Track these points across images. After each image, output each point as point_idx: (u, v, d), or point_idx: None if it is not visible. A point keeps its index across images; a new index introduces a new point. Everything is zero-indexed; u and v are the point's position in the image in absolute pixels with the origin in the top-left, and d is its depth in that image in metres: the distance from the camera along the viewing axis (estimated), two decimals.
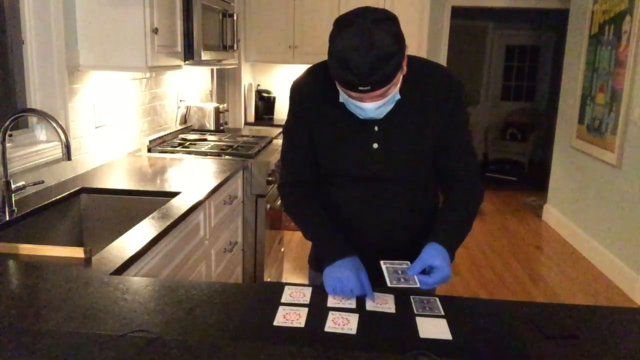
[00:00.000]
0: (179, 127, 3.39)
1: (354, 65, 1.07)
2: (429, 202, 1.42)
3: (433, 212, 1.42)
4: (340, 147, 1.31)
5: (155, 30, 2.23)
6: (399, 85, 1.19)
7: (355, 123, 1.27)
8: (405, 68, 1.18)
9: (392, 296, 1.17)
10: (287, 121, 1.40)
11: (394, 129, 1.28)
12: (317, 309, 1.11)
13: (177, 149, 2.90)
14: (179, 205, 1.88)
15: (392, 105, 1.21)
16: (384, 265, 1.19)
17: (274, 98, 5.00)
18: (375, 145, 1.28)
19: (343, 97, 1.20)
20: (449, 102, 1.28)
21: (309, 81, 1.35)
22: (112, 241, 1.51)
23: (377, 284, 1.21)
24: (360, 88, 1.10)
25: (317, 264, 1.48)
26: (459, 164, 1.35)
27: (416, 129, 1.28)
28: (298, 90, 1.35)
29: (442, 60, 5.31)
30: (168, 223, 1.68)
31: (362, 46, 1.06)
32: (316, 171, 1.38)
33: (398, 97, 1.20)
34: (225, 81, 4.44)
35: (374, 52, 1.06)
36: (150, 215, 1.75)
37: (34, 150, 2.00)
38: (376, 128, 1.27)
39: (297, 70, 1.37)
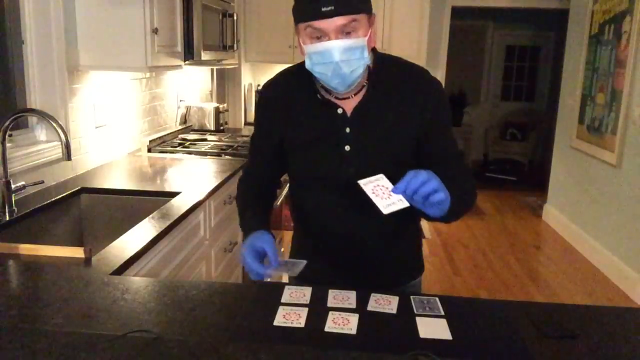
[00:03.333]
0: (179, 127, 3.39)
1: None
2: (409, 216, 1.34)
3: (410, 221, 1.39)
4: (310, 150, 1.27)
5: (155, 30, 2.23)
6: (365, 42, 1.14)
7: (325, 124, 1.24)
8: (374, 40, 1.18)
9: (396, 297, 1.17)
10: (255, 120, 1.40)
11: (367, 131, 1.23)
12: (317, 309, 1.11)
13: (177, 149, 2.90)
14: (179, 205, 1.88)
15: (360, 68, 1.15)
16: (364, 186, 1.11)
17: None
18: (347, 148, 1.24)
19: (309, 57, 1.16)
20: (429, 104, 1.24)
21: (280, 83, 1.32)
22: (112, 241, 1.51)
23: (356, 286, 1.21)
24: (324, 9, 1.08)
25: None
26: (449, 165, 1.29)
27: (391, 131, 1.23)
28: (269, 92, 1.33)
29: (442, 60, 5.31)
30: (168, 223, 1.68)
31: None
32: (274, 173, 1.41)
33: (367, 58, 1.16)
34: (225, 81, 4.44)
35: None
36: (150, 215, 1.75)
37: (34, 150, 2.01)
38: (348, 129, 1.24)
39: None
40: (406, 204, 1.07)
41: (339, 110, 1.24)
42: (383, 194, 1.09)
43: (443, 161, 1.29)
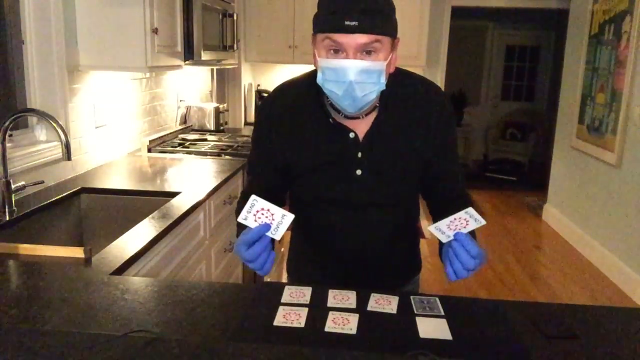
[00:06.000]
0: (179, 127, 3.39)
1: (346, 2, 1.03)
2: (412, 226, 1.39)
3: (414, 236, 1.41)
4: (320, 174, 1.22)
5: (155, 30, 2.23)
6: (384, 67, 1.09)
7: (336, 149, 1.20)
8: (393, 66, 1.14)
9: (396, 298, 1.17)
10: (254, 140, 1.30)
11: (379, 155, 1.21)
12: (317, 309, 1.11)
13: (177, 149, 2.90)
14: (179, 205, 1.88)
15: (374, 92, 1.11)
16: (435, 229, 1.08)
17: None
18: (358, 172, 1.21)
19: (321, 71, 1.10)
20: (440, 125, 1.22)
21: (284, 101, 1.25)
22: (112, 241, 1.51)
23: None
24: (347, 23, 1.02)
25: (296, 271, 1.47)
26: (452, 186, 1.30)
27: (403, 154, 1.22)
28: (271, 112, 1.25)
29: (442, 60, 5.31)
30: (168, 223, 1.68)
31: None
32: (276, 196, 1.27)
33: (383, 84, 1.11)
34: (225, 81, 4.44)
35: (369, 1, 1.03)
36: (150, 215, 1.75)
37: (34, 150, 2.00)
38: (360, 154, 1.20)
39: (297, 70, 1.33)
40: (443, 240, 1.07)
41: (351, 135, 1.20)
42: (456, 226, 1.05)
43: (447, 181, 1.30)
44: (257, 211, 1.05)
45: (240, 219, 1.06)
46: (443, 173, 1.29)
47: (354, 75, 1.06)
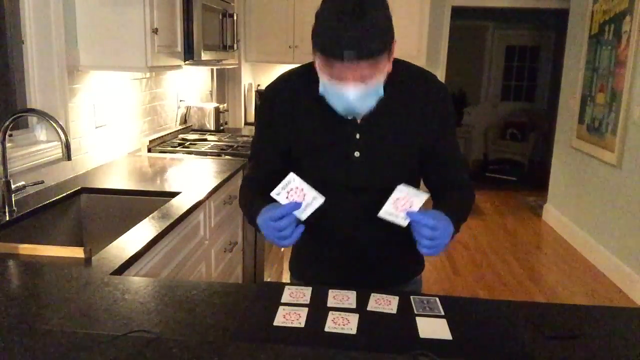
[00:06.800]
0: (179, 127, 3.39)
1: (343, 27, 1.02)
2: None
3: None
4: (319, 156, 1.25)
5: (155, 30, 2.23)
6: (383, 79, 1.13)
7: (335, 130, 1.23)
8: (390, 66, 1.15)
9: (396, 298, 1.17)
10: (257, 125, 1.34)
11: (377, 137, 1.23)
12: (317, 309, 1.11)
13: (177, 149, 2.90)
14: (179, 205, 1.88)
15: (374, 102, 1.15)
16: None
17: None
18: (356, 154, 1.23)
19: (323, 86, 1.14)
20: (438, 111, 1.25)
21: (285, 87, 1.29)
22: (112, 241, 1.51)
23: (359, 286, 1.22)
24: (346, 52, 1.03)
25: (299, 269, 1.46)
26: (451, 172, 1.32)
27: (400, 137, 1.24)
28: (274, 97, 1.29)
29: (442, 60, 5.32)
30: (168, 223, 1.68)
31: (354, 12, 1.02)
32: (278, 179, 1.33)
33: (381, 93, 1.15)
34: (225, 81, 4.44)
35: (365, 21, 1.02)
36: (150, 215, 1.75)
37: (34, 150, 2.01)
38: (358, 136, 1.23)
39: None
40: (402, 222, 1.13)
41: (349, 117, 1.22)
42: (402, 205, 1.12)
43: (446, 168, 1.31)
44: (292, 189, 1.10)
45: (273, 194, 1.12)
46: (441, 158, 1.30)
47: (354, 101, 1.12)
